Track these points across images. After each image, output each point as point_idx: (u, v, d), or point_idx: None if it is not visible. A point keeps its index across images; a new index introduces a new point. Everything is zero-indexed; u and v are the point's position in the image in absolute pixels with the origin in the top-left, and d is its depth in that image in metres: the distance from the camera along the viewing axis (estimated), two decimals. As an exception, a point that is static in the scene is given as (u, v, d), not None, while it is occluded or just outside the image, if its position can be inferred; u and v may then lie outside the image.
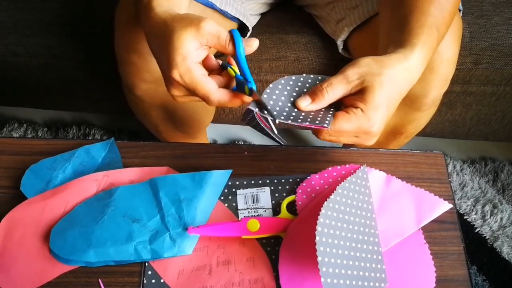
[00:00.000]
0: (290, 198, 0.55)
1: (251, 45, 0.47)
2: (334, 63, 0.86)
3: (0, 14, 0.90)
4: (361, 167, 0.55)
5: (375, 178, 0.55)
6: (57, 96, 1.08)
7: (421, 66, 0.49)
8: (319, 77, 0.51)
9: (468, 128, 1.02)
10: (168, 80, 0.47)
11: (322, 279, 0.42)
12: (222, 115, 1.03)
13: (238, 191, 0.56)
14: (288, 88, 0.50)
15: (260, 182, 0.57)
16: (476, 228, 1.05)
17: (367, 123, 0.45)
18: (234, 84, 0.49)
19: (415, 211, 0.53)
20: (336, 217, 0.47)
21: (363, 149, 0.60)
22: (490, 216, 1.06)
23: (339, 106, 0.49)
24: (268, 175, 0.57)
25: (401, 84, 0.47)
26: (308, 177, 0.56)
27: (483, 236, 1.04)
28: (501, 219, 1.05)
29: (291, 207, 0.55)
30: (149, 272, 0.50)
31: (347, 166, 0.56)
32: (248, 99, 0.47)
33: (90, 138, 1.21)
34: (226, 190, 0.56)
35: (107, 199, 0.54)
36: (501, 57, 0.84)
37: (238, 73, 0.48)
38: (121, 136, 1.22)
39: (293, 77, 0.51)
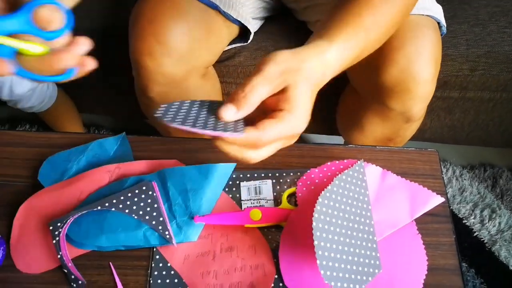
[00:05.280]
0: (291, 190, 0.58)
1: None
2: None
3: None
4: (358, 162, 0.58)
5: (371, 172, 0.58)
6: (70, 98, 1.12)
7: (337, 63, 0.48)
8: (215, 103, 0.48)
9: (467, 133, 1.05)
10: None
11: (318, 262, 0.45)
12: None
13: (241, 183, 0.59)
14: (183, 111, 0.45)
15: (262, 175, 0.60)
16: (475, 232, 1.07)
17: (296, 123, 0.44)
18: None
19: (409, 204, 0.56)
20: (332, 206, 0.50)
21: (360, 146, 0.63)
22: (488, 221, 1.08)
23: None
24: (270, 169, 0.60)
25: (317, 77, 0.46)
26: (308, 171, 0.59)
27: (482, 240, 1.06)
28: (499, 223, 1.08)
29: (292, 198, 0.58)
30: (157, 257, 0.54)
31: (345, 161, 0.60)
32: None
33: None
34: (230, 182, 0.59)
35: (118, 189, 0.57)
36: (497, 64, 0.87)
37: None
38: (129, 139, 1.26)
39: (186, 102, 0.47)
